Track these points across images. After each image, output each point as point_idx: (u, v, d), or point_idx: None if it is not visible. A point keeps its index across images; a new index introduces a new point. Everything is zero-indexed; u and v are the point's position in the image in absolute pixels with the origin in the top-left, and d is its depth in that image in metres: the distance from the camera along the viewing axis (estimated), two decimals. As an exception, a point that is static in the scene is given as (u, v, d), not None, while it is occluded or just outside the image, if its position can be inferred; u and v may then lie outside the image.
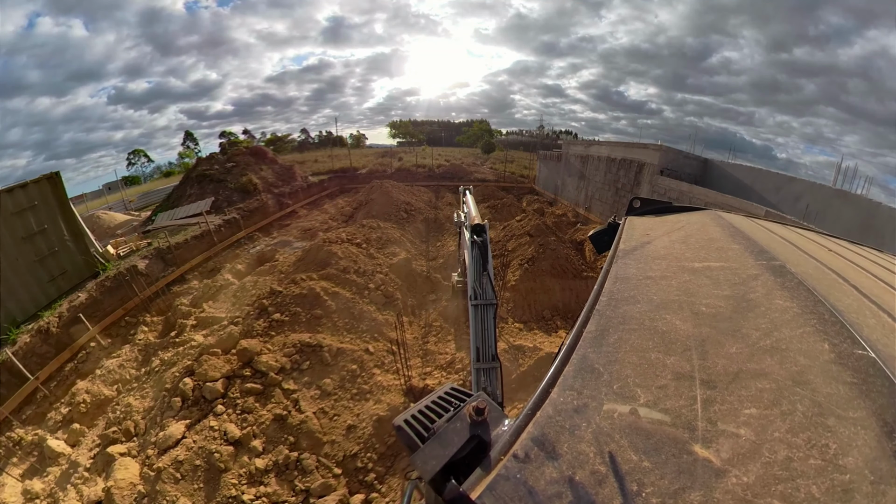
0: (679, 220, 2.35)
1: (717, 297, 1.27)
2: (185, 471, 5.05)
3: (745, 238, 1.79)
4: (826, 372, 0.86)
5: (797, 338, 1.00)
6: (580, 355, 1.01)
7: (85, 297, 12.16)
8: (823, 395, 0.80)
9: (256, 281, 11.24)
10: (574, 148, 23.53)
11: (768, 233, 2.05)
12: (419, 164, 34.60)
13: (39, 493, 6.41)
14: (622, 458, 0.70)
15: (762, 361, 0.93)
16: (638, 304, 1.28)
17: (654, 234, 2.11)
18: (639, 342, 1.06)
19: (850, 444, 0.69)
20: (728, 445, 0.72)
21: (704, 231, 2.05)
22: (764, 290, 1.27)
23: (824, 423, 0.74)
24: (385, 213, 18.10)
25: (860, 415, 0.75)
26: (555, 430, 0.77)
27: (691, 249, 1.81)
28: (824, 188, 12.79)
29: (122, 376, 9.30)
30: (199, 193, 21.98)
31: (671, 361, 0.97)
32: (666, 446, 0.73)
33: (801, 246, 1.84)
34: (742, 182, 14.86)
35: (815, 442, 0.70)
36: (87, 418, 8.27)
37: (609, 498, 0.64)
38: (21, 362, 9.58)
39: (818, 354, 0.93)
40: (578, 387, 0.89)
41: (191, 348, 7.99)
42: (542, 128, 74.76)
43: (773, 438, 0.72)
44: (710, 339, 1.04)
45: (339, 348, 6.99)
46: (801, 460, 0.67)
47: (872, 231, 10.87)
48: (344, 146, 54.77)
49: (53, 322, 11.18)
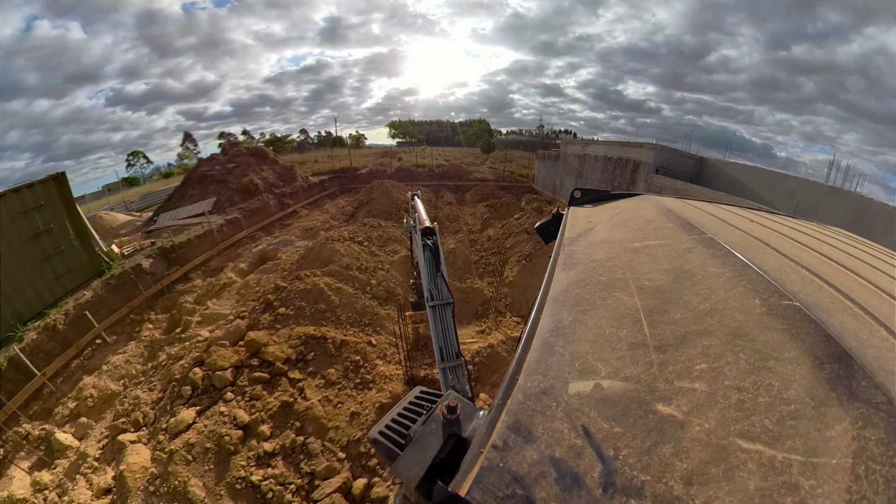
0: (618, 206, 2.48)
1: (658, 272, 1.37)
2: (196, 453, 5.27)
3: (678, 217, 1.90)
4: (760, 323, 0.96)
5: (732, 298, 1.09)
6: (540, 341, 1.05)
7: (90, 295, 12.33)
8: (761, 342, 0.90)
9: (260, 279, 11.44)
10: (572, 147, 23.74)
11: (698, 210, 2.17)
12: (419, 164, 34.76)
13: (48, 484, 6.50)
14: (595, 429, 0.74)
15: (705, 322, 1.01)
16: (587, 287, 1.35)
17: (595, 220, 2.22)
18: (592, 321, 1.12)
19: (790, 380, 0.78)
20: (687, 399, 0.79)
21: (641, 214, 2.17)
22: (698, 260, 1.37)
23: (765, 366, 0.82)
24: (386, 212, 18.28)
25: (794, 354, 0.84)
26: (527, 415, 0.79)
27: (630, 231, 1.91)
28: (817, 185, 12.99)
29: (128, 371, 9.46)
30: (200, 194, 22.15)
31: (624, 334, 1.03)
32: (632, 410, 0.78)
33: (726, 220, 1.96)
34: (737, 180, 15.06)
35: (760, 383, 0.78)
36: (95, 412, 8.36)
37: (590, 467, 0.67)
38: (28, 359, 9.76)
39: (752, 309, 1.02)
40: (543, 370, 0.92)
41: (198, 343, 8.17)
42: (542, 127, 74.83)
43: (725, 386, 0.80)
44: (656, 310, 1.12)
45: (343, 340, 7.24)
46: (752, 400, 0.75)
47: (864, 226, 11.03)
48: (344, 146, 54.82)
49: (59, 319, 11.36)
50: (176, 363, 7.69)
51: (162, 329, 11.33)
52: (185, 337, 9.37)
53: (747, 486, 0.61)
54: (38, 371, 9.79)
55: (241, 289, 11.65)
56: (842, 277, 1.16)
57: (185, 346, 8.56)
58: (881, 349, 0.83)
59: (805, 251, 1.39)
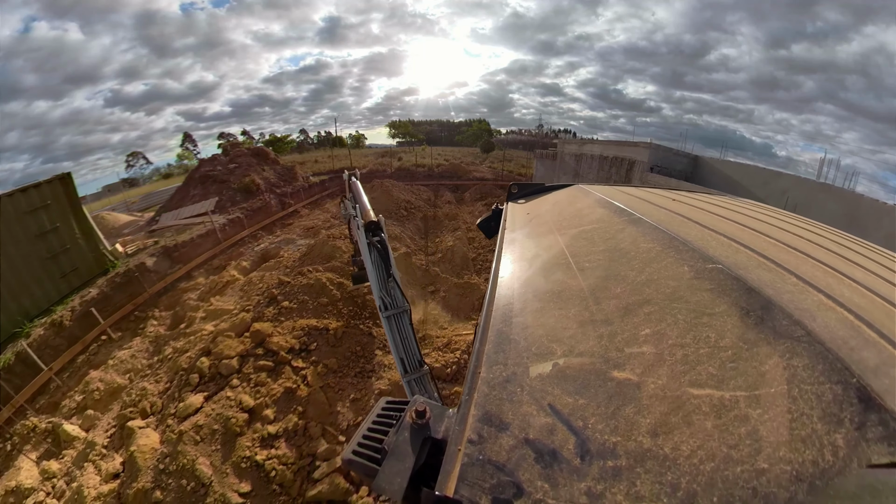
0: (552, 197, 2.59)
1: (595, 253, 1.47)
2: (204, 434, 5.52)
3: (607, 202, 2.02)
4: (691, 286, 1.05)
5: (663, 268, 1.19)
6: (495, 332, 1.08)
7: (96, 292, 12.53)
8: (694, 303, 0.99)
9: (263, 276, 11.68)
10: (569, 147, 23.96)
11: (625, 195, 2.30)
12: (418, 163, 34.94)
13: (56, 473, 6.64)
14: (561, 405, 0.79)
15: (643, 293, 1.10)
16: (533, 274, 1.43)
17: (533, 212, 2.33)
18: (541, 305, 1.18)
19: (723, 330, 0.86)
20: (638, 362, 0.85)
21: (574, 203, 2.30)
22: (630, 239, 1.49)
23: (701, 322, 0.91)
24: (386, 211, 18.52)
25: (724, 308, 0.93)
26: (496, 405, 0.82)
27: (566, 219, 2.02)
28: (809, 182, 13.18)
29: (133, 366, 9.65)
30: (202, 194, 22.37)
31: (573, 313, 1.09)
32: (592, 381, 0.83)
33: (652, 201, 2.09)
34: (731, 178, 15.24)
35: (699, 337, 0.86)
36: (101, 405, 8.48)
37: (564, 441, 0.71)
38: (35, 354, 9.95)
39: (682, 276, 1.12)
40: (503, 360, 0.96)
41: (203, 336, 8.40)
42: (542, 127, 74.97)
43: (669, 345, 0.87)
44: (598, 287, 1.20)
45: (344, 332, 7.51)
46: (694, 353, 0.82)
47: (856, 222, 11.10)
48: (344, 146, 54.93)
49: (66, 316, 11.57)
50: (182, 355, 7.93)
51: (166, 325, 11.54)
52: (189, 332, 9.59)
53: (705, 426, 0.67)
54: (45, 366, 9.98)
55: (244, 286, 11.88)
56: (754, 239, 1.32)
57: (190, 340, 8.80)
58: (793, 293, 0.95)
59: (722, 221, 1.55)
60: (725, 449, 0.63)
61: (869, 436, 0.59)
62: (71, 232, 13.19)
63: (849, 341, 0.76)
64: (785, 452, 0.60)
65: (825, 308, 0.88)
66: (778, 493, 0.55)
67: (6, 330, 10.80)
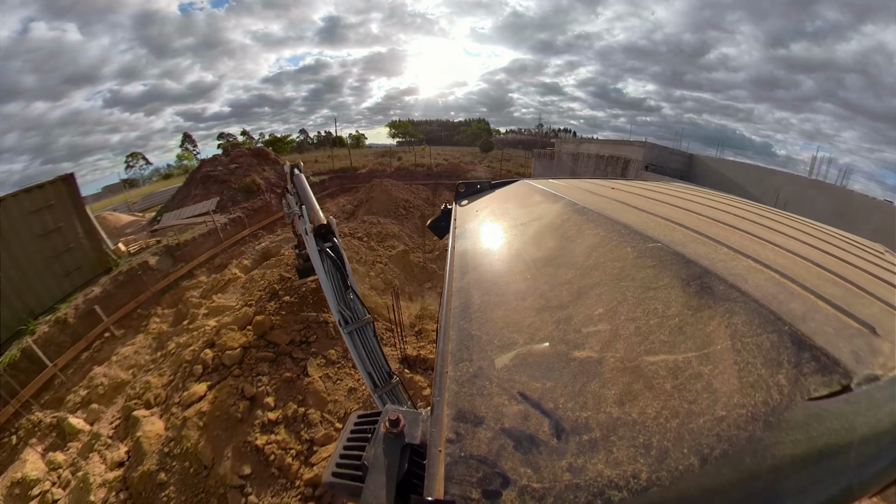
0: (499, 193, 2.61)
1: (544, 243, 1.54)
2: (207, 420, 5.74)
3: (552, 195, 2.10)
4: (636, 265, 1.13)
5: (609, 251, 1.27)
6: (456, 330, 1.10)
7: (99, 290, 12.70)
8: (640, 279, 1.05)
9: (264, 273, 11.87)
10: (566, 146, 24.17)
11: (567, 187, 2.37)
12: (418, 163, 35.11)
13: (62, 464, 6.77)
14: (530, 390, 0.81)
15: (592, 276, 1.15)
16: (486, 269, 1.46)
17: (482, 209, 2.38)
18: (498, 299, 1.21)
19: (669, 301, 0.93)
20: (596, 340, 0.89)
21: (520, 197, 2.36)
22: (576, 227, 1.57)
23: (648, 296, 0.97)
24: (385, 209, 18.72)
25: (667, 281, 1.00)
26: (468, 401, 0.83)
27: (514, 213, 2.09)
28: (801, 179, 13.36)
29: (137, 361, 9.82)
30: (203, 194, 22.56)
31: (529, 303, 1.13)
32: (555, 364, 0.86)
33: (592, 191, 2.16)
34: (726, 176, 15.42)
35: (648, 309, 0.92)
36: (105, 399, 8.61)
37: (539, 424, 0.73)
38: (40, 350, 10.13)
39: (626, 256, 1.19)
40: (468, 356, 0.98)
41: (206, 331, 8.61)
42: (541, 126, 75.04)
43: (623, 320, 0.92)
44: (550, 275, 1.25)
45: (343, 325, 7.78)
46: (646, 324, 0.88)
47: (846, 218, 11.25)
48: (344, 146, 55.04)
49: (70, 314, 11.75)
50: (186, 349, 8.14)
51: (169, 323, 11.73)
52: (192, 328, 9.79)
53: (665, 388, 0.72)
54: (50, 362, 10.15)
55: (245, 283, 12.09)
56: (688, 218, 1.45)
57: (193, 336, 9.00)
58: (726, 261, 1.04)
59: (658, 204, 1.67)
60: (686, 405, 0.68)
61: (805, 372, 0.67)
62: (74, 231, 13.37)
63: (777, 296, 0.85)
64: (738, 398, 0.66)
65: (755, 271, 0.98)
66: (738, 434, 0.61)
67: (12, 327, 10.97)
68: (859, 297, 0.92)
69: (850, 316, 0.80)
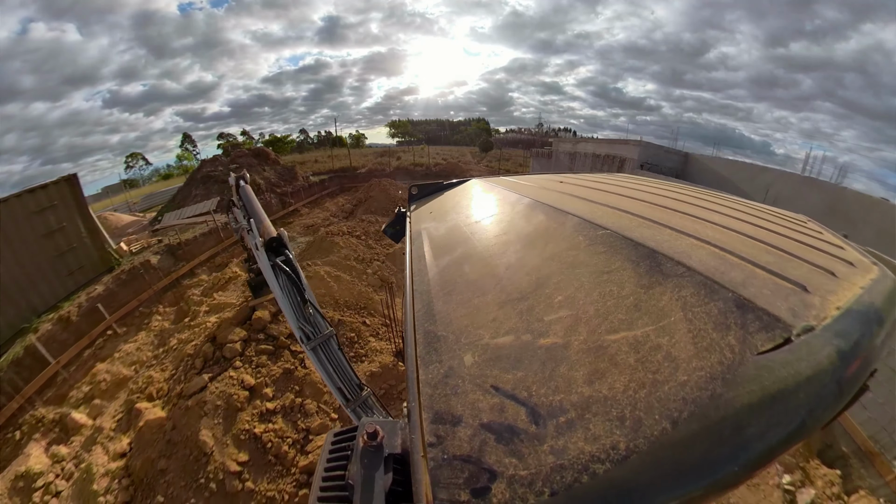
0: (452, 193, 2.65)
1: (498, 238, 1.57)
2: (208, 409, 5.93)
3: (502, 191, 2.18)
4: (588, 252, 1.17)
5: (561, 241, 1.32)
6: (422, 332, 1.11)
7: (101, 289, 12.83)
8: (593, 265, 1.09)
9: (262, 271, 12.11)
10: (563, 145, 24.33)
11: (518, 184, 2.35)
12: (416, 162, 35.29)
13: (65, 457, 6.87)
14: (502, 383, 0.82)
15: (548, 267, 1.19)
16: (445, 269, 1.47)
17: (435, 210, 2.39)
18: (459, 298, 1.23)
19: (623, 282, 0.97)
20: (559, 326, 0.92)
21: (472, 196, 2.40)
22: (527, 221, 1.62)
23: (603, 279, 1.01)
24: (383, 208, 18.90)
25: (619, 264, 1.05)
26: (443, 402, 0.84)
27: (467, 212, 2.12)
28: (793, 176, 13.46)
29: (139, 358, 9.96)
30: (204, 194, 22.74)
31: (490, 298, 1.15)
32: (524, 354, 0.88)
33: (542, 185, 2.23)
34: (720, 174, 15.55)
35: (604, 292, 0.96)
36: (108, 395, 8.69)
37: (516, 414, 0.74)
38: (43, 347, 10.29)
39: (579, 245, 1.24)
40: (437, 358, 0.98)
41: (207, 327, 8.80)
42: (541, 126, 75.10)
43: (582, 305, 0.95)
44: (507, 270, 1.27)
45: (340, 320, 7.94)
46: (604, 306, 0.92)
47: (840, 214, 11.36)
48: (343, 146, 55.11)
49: (73, 312, 11.92)
50: (187, 344, 8.34)
51: (170, 320, 11.90)
52: (194, 324, 9.96)
53: (629, 362, 0.75)
54: (53, 359, 10.32)
55: (246, 281, 12.28)
56: (632, 204, 1.52)
57: (194, 332, 9.18)
58: (670, 241, 1.11)
59: (604, 194, 1.75)
60: (651, 375, 0.71)
61: (751, 330, 0.72)
62: (77, 231, 13.50)
63: (719, 268, 0.92)
64: (696, 362, 0.70)
65: (697, 247, 1.05)
66: (701, 394, 0.64)
67: (16, 325, 11.14)
68: (789, 262, 1.00)
69: (783, 278, 0.88)
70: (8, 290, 11.26)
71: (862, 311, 0.81)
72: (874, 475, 6.56)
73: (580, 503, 0.59)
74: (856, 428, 7.19)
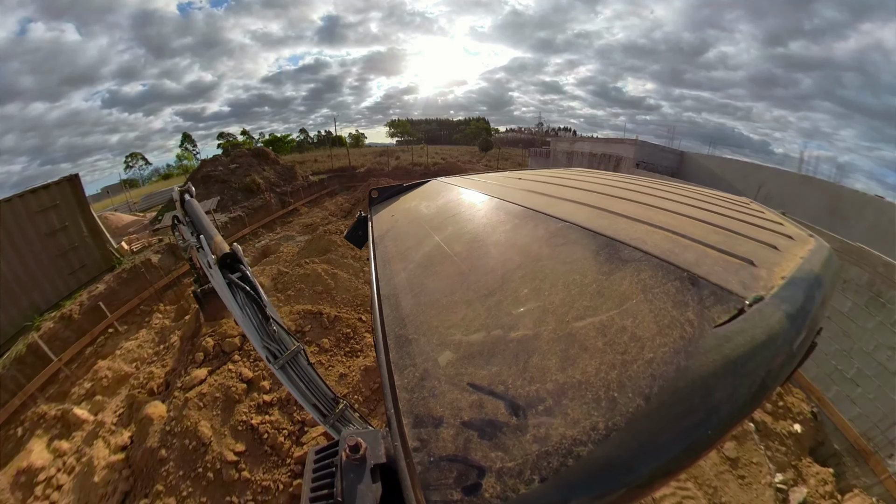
0: (413, 195, 2.63)
1: (461, 237, 1.59)
2: (207, 401, 6.08)
3: (461, 190, 2.21)
4: (550, 244, 1.21)
5: (524, 236, 1.35)
6: (394, 337, 1.11)
7: (103, 287, 12.97)
8: (556, 257, 1.13)
9: (263, 269, 12.17)
10: (561, 145, 24.48)
11: (478, 183, 2.45)
12: (416, 162, 35.38)
13: (66, 451, 7.00)
14: (479, 379, 0.84)
15: (513, 261, 1.22)
16: (410, 272, 1.47)
17: (397, 213, 2.35)
18: (427, 300, 1.23)
19: (584, 271, 1.01)
20: (528, 319, 0.94)
21: (433, 196, 2.38)
22: (487, 218, 1.65)
23: (565, 269, 1.05)
24: (381, 208, 18.99)
25: (579, 254, 1.09)
26: (422, 406, 0.84)
27: (428, 213, 2.12)
28: (789, 174, 13.50)
29: (140, 355, 10.13)
30: (204, 193, 22.81)
31: (458, 297, 1.16)
32: (497, 349, 0.90)
33: (501, 183, 2.28)
34: (714, 172, 15.65)
35: (568, 281, 0.99)
36: (109, 391, 8.86)
37: (496, 409, 0.76)
38: (45, 345, 10.44)
39: (540, 238, 1.28)
40: (410, 362, 0.99)
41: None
42: (541, 125, 75.15)
43: (549, 295, 0.97)
44: (473, 268, 1.30)
45: (337, 316, 8.04)
46: (568, 295, 0.94)
47: (838, 213, 11.40)
48: (343, 145, 55.18)
49: (74, 310, 12.06)
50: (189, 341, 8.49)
51: (171, 318, 12.05)
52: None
53: (598, 345, 0.78)
54: (55, 357, 10.46)
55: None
56: (588, 196, 1.60)
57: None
58: (626, 229, 1.16)
59: (561, 188, 1.81)
60: (619, 356, 0.73)
61: (707, 305, 0.76)
62: (79, 230, 13.61)
63: (673, 250, 0.97)
64: (660, 339, 0.73)
65: (651, 233, 1.10)
66: (667, 368, 0.67)
67: (18, 323, 11.28)
68: (736, 240, 1.08)
69: (732, 255, 0.94)
70: (11, 288, 11.38)
71: (804, 279, 0.88)
72: (868, 473, 6.56)
73: (569, 485, 0.61)
74: (847, 425, 7.18)
